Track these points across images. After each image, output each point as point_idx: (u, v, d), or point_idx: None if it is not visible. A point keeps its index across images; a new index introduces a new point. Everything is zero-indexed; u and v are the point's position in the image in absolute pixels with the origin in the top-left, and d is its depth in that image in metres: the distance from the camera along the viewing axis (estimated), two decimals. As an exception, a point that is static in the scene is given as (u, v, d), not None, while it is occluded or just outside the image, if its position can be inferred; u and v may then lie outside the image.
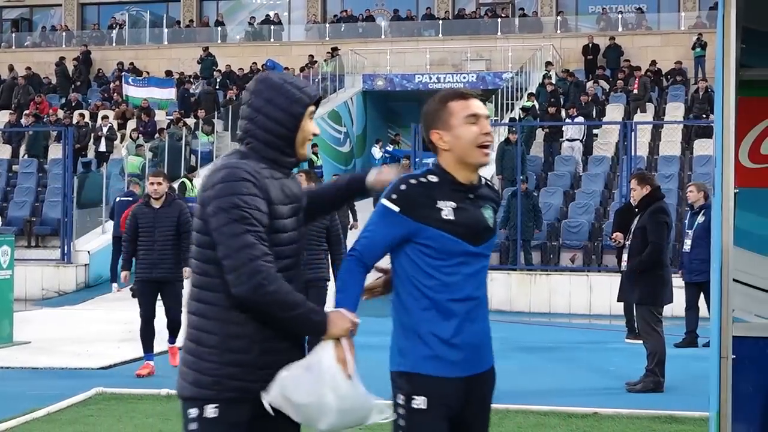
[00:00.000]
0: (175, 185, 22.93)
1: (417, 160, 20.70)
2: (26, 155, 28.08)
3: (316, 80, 32.18)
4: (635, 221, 10.04)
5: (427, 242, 3.74)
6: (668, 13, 37.79)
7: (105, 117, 28.82)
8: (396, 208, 3.74)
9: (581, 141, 25.38)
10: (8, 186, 26.60)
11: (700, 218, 12.79)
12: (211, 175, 3.55)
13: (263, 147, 3.64)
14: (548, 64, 32.06)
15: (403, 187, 3.76)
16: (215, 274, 3.50)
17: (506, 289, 18.44)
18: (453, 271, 3.77)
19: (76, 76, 36.18)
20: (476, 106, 3.83)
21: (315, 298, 9.47)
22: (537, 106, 27.98)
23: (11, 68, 36.90)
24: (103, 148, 27.43)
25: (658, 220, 9.78)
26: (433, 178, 3.79)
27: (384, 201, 3.77)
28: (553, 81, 29.75)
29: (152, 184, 10.65)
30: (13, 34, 42.38)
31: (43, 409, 8.58)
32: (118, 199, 19.69)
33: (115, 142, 28.02)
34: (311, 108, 3.74)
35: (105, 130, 27.81)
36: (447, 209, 3.75)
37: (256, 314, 3.50)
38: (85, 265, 20.21)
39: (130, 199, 19.95)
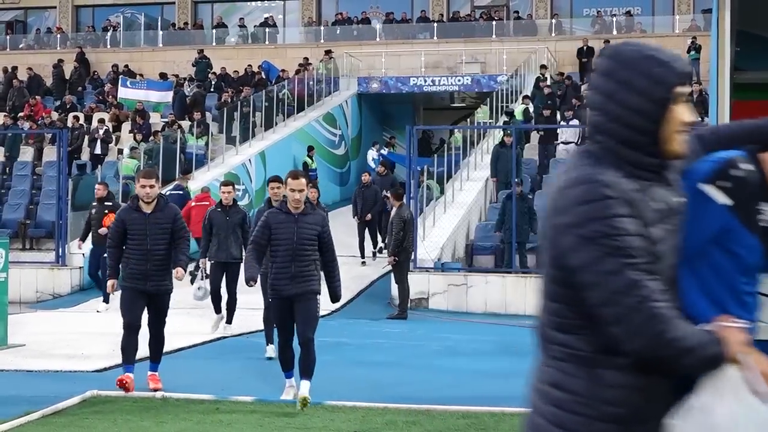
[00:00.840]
0: (170, 187, 22.95)
1: (414, 167, 20.68)
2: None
3: (311, 83, 32.23)
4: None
5: (738, 251, 2.80)
6: (662, 16, 37.85)
7: (101, 120, 28.80)
8: (727, 201, 2.78)
9: (576, 144, 25.40)
10: (2, 188, 26.58)
11: None
12: (563, 194, 2.70)
13: (620, 146, 2.72)
14: (542, 66, 32.09)
15: (738, 172, 2.80)
16: (573, 316, 2.70)
17: (501, 291, 18.46)
18: (749, 291, 2.88)
19: (75, 78, 36.18)
20: None
21: (303, 314, 8.88)
22: (531, 109, 28.01)
23: (5, 70, 36.88)
24: (98, 150, 27.40)
25: None
26: (752, 168, 2.85)
27: (707, 187, 2.82)
28: (549, 83, 29.80)
29: (144, 186, 9.58)
30: (8, 37, 42.34)
31: (38, 412, 8.58)
32: (168, 193, 20.10)
33: (110, 145, 28.01)
34: (680, 89, 2.72)
35: (101, 132, 27.79)
36: (766, 213, 2.81)
37: (649, 365, 2.64)
38: (80, 267, 20.15)
39: (181, 192, 20.27)
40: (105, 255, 17.28)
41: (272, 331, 11.73)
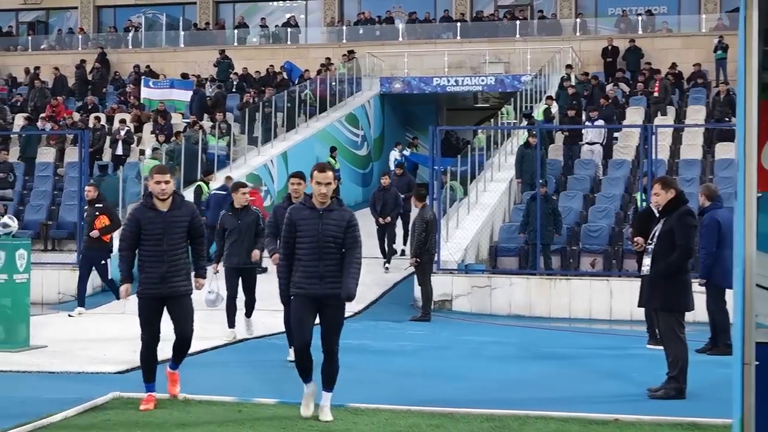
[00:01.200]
0: (191, 188, 23.04)
1: (435, 167, 20.67)
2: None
3: (333, 83, 32.27)
4: (659, 225, 9.95)
5: None
6: (689, 15, 37.69)
7: (122, 120, 28.92)
8: None
9: (601, 144, 25.35)
10: (24, 189, 26.74)
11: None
12: None
13: None
14: (568, 66, 32.01)
15: None
16: None
17: (526, 294, 18.43)
18: None
19: (97, 79, 36.37)
20: None
21: (330, 321, 8.41)
22: (554, 109, 27.96)
23: (27, 71, 37.13)
24: (120, 151, 27.51)
25: (688, 223, 9.71)
26: None
27: None
28: (573, 83, 29.74)
29: (159, 182, 8.92)
30: (29, 37, 42.60)
31: (60, 414, 8.62)
32: (212, 192, 22.00)
33: (131, 146, 28.12)
34: None
35: (123, 133, 27.88)
36: None
37: None
38: (102, 269, 20.19)
39: (224, 192, 20.60)
40: (103, 262, 17.45)
41: None
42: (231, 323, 13.83)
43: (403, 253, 21.91)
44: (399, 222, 22.28)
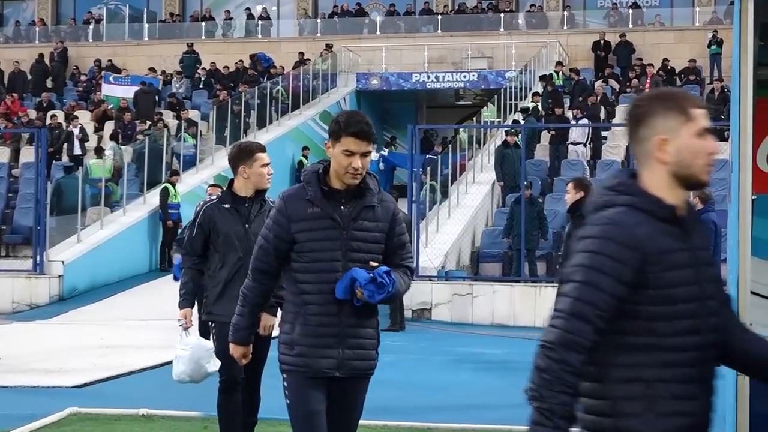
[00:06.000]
0: (157, 190, 22.94)
1: (414, 169, 20.66)
2: None
3: (307, 79, 32.22)
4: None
5: None
6: (682, 9, 37.87)
7: (75, 117, 28.70)
8: None
9: (584, 145, 25.27)
10: (-23, 192, 26.54)
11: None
12: None
13: None
14: (558, 63, 32.03)
15: None
16: None
17: (509, 302, 18.43)
18: None
19: (56, 74, 36.16)
20: None
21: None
22: (540, 107, 27.97)
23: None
24: (78, 151, 27.33)
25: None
26: None
27: None
28: (558, 80, 29.79)
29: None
30: (-18, 29, 42.38)
31: (14, 431, 8.57)
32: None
33: (87, 144, 27.88)
34: None
35: (76, 131, 27.69)
36: None
37: None
38: (59, 276, 20.12)
39: None
40: None
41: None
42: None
43: None
44: None
